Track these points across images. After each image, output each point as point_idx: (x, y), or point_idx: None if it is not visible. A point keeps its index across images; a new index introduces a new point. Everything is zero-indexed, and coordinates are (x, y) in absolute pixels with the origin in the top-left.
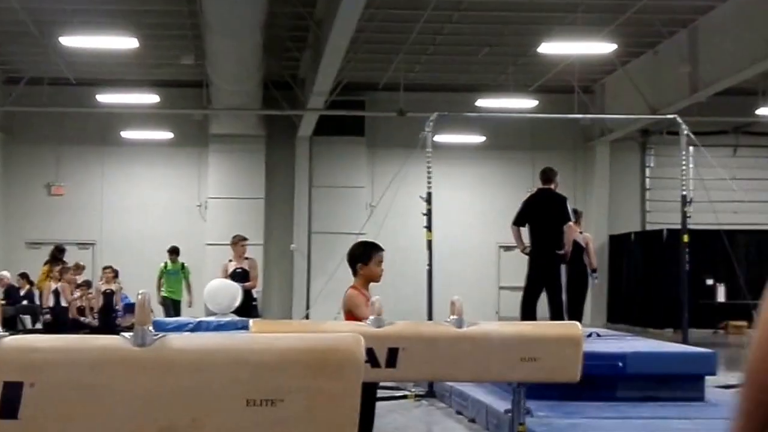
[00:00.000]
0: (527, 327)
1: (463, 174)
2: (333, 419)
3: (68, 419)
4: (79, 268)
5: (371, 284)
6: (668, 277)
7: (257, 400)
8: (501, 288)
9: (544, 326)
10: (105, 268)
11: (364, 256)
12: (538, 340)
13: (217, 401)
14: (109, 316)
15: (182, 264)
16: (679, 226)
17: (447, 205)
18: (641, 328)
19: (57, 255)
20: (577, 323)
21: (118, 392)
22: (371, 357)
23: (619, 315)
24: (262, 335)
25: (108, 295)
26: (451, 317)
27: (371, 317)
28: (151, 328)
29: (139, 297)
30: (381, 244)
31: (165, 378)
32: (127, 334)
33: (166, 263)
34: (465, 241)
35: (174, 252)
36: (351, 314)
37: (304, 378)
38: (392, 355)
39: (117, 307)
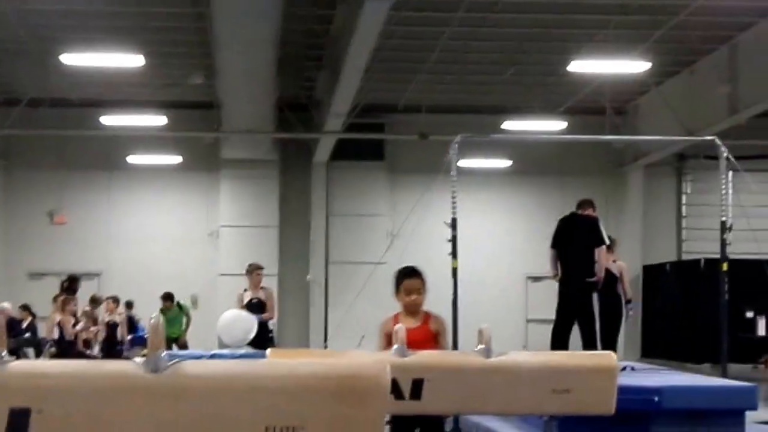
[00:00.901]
0: (559, 357)
1: (488, 201)
2: None
3: None
4: (95, 302)
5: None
6: (706, 310)
7: (277, 427)
8: (529, 321)
9: (576, 356)
10: (107, 298)
11: (395, 286)
12: (570, 371)
13: (234, 429)
14: (113, 349)
15: (178, 304)
16: (717, 256)
17: (471, 233)
18: (678, 363)
19: (69, 285)
20: (612, 353)
21: (130, 420)
22: (395, 388)
23: (654, 349)
24: (282, 360)
25: (111, 327)
26: (479, 347)
27: (395, 346)
28: (164, 353)
29: (152, 321)
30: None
31: (179, 406)
32: (139, 360)
33: (162, 310)
34: (491, 272)
35: (168, 299)
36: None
37: (326, 405)
38: (417, 387)
39: (123, 339)
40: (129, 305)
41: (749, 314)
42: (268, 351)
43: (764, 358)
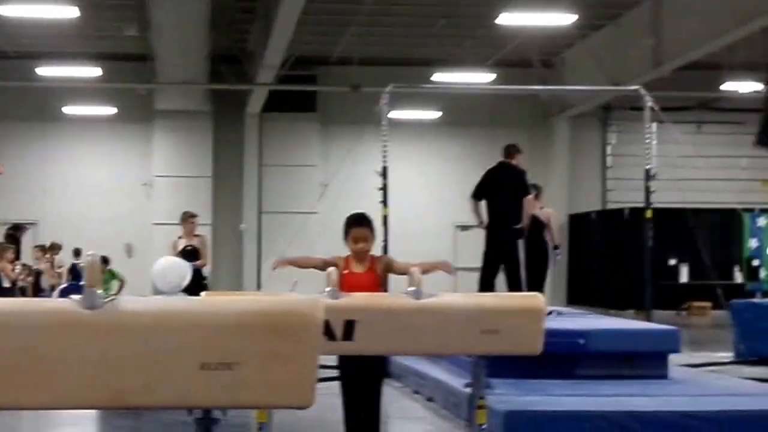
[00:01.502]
0: (488, 298)
1: (418, 152)
2: (290, 382)
3: (16, 385)
4: (54, 249)
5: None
6: (630, 257)
7: (212, 363)
8: (458, 269)
9: (505, 298)
10: (35, 246)
11: (344, 232)
12: (499, 312)
13: (170, 365)
14: (37, 297)
15: (111, 272)
16: (641, 205)
17: (402, 183)
18: (603, 309)
19: (12, 233)
20: (539, 294)
21: (68, 357)
22: (327, 329)
23: (580, 296)
24: (218, 298)
25: (37, 275)
26: (410, 288)
27: (327, 288)
28: (100, 291)
29: (88, 259)
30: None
31: (116, 342)
32: (76, 297)
33: None
34: (421, 221)
35: (102, 262)
36: None
37: (260, 341)
38: (348, 328)
39: (46, 286)
40: (76, 253)
41: (672, 262)
42: (203, 294)
43: (687, 305)
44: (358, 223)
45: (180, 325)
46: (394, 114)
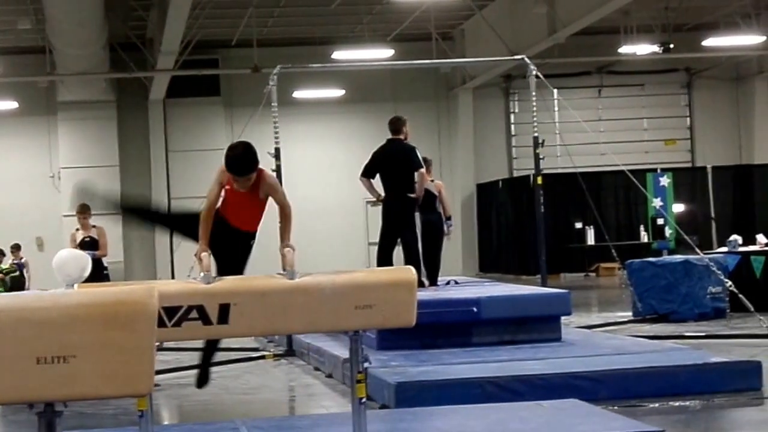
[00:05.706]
0: (360, 274)
1: (324, 129)
2: (128, 371)
3: None
4: None
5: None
6: (536, 223)
7: (48, 357)
8: (371, 244)
9: (377, 272)
10: None
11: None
12: (371, 287)
13: (5, 361)
14: None
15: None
16: (546, 171)
17: (310, 161)
18: (513, 276)
19: None
20: (411, 268)
21: None
22: (202, 314)
23: (492, 264)
24: (49, 292)
25: None
26: (286, 269)
27: (201, 274)
28: None
29: None
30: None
31: None
32: None
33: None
34: (331, 198)
35: (15, 248)
36: None
37: (95, 332)
38: (224, 312)
39: None
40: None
41: (578, 225)
42: (75, 286)
43: (595, 266)
44: (236, 172)
45: (12, 322)
46: (299, 94)
